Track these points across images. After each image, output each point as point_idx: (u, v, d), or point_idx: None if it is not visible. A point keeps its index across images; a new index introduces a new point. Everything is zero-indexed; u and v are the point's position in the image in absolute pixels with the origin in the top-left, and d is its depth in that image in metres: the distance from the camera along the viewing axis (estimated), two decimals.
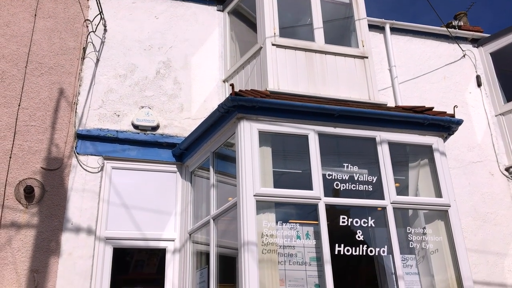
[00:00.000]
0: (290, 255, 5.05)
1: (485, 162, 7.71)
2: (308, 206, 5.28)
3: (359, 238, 5.15)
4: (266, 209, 5.05)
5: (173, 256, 6.07)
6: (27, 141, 5.88)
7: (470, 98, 8.20)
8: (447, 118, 5.77)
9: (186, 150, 6.32)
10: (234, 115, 5.28)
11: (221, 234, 5.57)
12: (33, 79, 6.21)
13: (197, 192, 6.28)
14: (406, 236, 5.38)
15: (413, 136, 5.77)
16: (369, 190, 5.44)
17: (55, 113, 6.13)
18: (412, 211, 5.63)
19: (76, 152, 6.02)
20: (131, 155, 6.27)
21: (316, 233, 5.12)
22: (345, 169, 5.50)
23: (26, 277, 5.29)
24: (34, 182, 5.68)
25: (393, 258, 5.12)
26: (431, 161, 5.78)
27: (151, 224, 6.09)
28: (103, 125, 6.28)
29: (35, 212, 5.60)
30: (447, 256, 5.34)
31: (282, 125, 5.38)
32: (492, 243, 7.13)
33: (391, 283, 5.18)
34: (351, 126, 5.57)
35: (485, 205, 7.38)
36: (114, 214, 5.96)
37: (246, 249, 4.68)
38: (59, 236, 5.58)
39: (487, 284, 6.81)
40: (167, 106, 6.69)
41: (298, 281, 4.97)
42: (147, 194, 6.21)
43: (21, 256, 5.36)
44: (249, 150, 5.11)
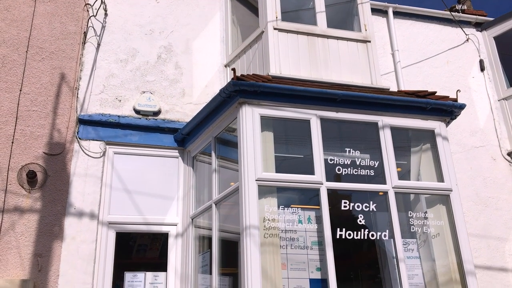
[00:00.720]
0: (292, 239, 5.08)
1: (487, 147, 7.69)
2: (310, 191, 5.29)
3: (361, 223, 5.17)
4: (268, 194, 5.06)
5: (175, 240, 6.11)
6: (29, 126, 5.88)
7: (473, 82, 8.15)
8: (450, 102, 5.74)
9: (187, 135, 6.32)
10: (235, 100, 5.26)
11: (223, 219, 5.60)
12: (34, 64, 6.19)
13: (199, 177, 6.29)
14: (407, 221, 5.39)
15: (415, 120, 5.75)
16: (371, 175, 5.45)
17: (57, 98, 6.12)
18: (414, 195, 5.63)
19: (78, 137, 6.03)
20: (133, 140, 6.27)
21: (318, 218, 5.14)
22: (347, 154, 5.49)
23: (29, 261, 5.34)
24: (37, 167, 5.70)
25: (394, 242, 5.14)
26: (433, 145, 5.77)
27: (153, 209, 6.12)
28: (105, 110, 6.28)
29: (38, 197, 5.62)
30: (448, 240, 5.36)
31: (284, 110, 5.36)
32: (493, 227, 7.15)
33: (392, 267, 5.21)
34: (354, 111, 5.55)
35: (487, 189, 7.38)
36: (116, 199, 5.99)
37: (248, 234, 4.71)
38: (62, 220, 5.61)
39: (488, 268, 6.84)
40: (169, 91, 6.67)
41: (300, 264, 5.01)
42: (149, 179, 6.23)
43: (24, 240, 5.40)
44: (251, 135, 5.10)
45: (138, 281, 5.82)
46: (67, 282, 5.38)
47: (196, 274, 5.82)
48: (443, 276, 5.27)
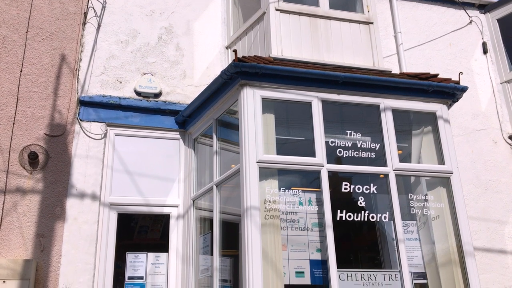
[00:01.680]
0: (293, 220, 5.11)
1: (489, 130, 7.68)
2: (311, 174, 5.31)
3: (361, 205, 5.20)
4: (269, 176, 5.07)
5: (176, 221, 6.15)
6: (30, 108, 5.87)
7: (476, 65, 8.10)
8: (452, 85, 5.72)
9: (189, 117, 6.31)
10: (237, 82, 5.24)
11: (224, 201, 5.62)
12: (34, 45, 6.15)
13: (200, 159, 6.31)
14: (407, 203, 5.42)
15: (417, 103, 5.74)
16: (372, 157, 5.45)
17: (57, 79, 6.10)
18: (414, 178, 5.65)
19: (79, 119, 6.02)
20: (134, 122, 6.27)
21: (318, 200, 5.17)
22: (348, 136, 5.49)
23: (32, 241, 5.38)
24: (38, 148, 5.70)
25: (394, 224, 5.17)
26: (435, 128, 5.76)
27: (154, 191, 6.15)
28: (106, 92, 6.26)
29: (40, 178, 5.64)
30: (448, 222, 5.39)
31: (286, 92, 5.34)
32: (493, 210, 7.18)
33: (392, 249, 5.25)
34: (355, 93, 5.53)
35: (488, 172, 7.39)
36: (118, 181, 6.01)
37: (249, 215, 4.73)
38: (64, 201, 5.64)
39: (487, 250, 6.89)
40: (170, 72, 6.64)
41: (300, 246, 5.05)
42: (150, 161, 6.25)
43: (26, 221, 5.44)
44: (252, 117, 5.09)
45: (140, 262, 5.87)
46: (69, 262, 5.43)
47: (197, 255, 5.87)
48: (443, 257, 5.31)
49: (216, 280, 5.25)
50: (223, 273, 5.37)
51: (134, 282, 5.78)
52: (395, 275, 4.99)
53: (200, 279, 5.74)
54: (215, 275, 5.27)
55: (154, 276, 5.87)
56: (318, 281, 4.96)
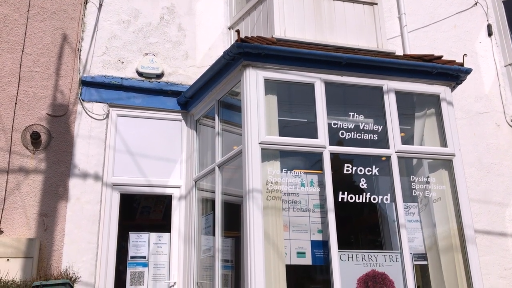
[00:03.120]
0: (294, 202, 5.13)
1: (492, 113, 7.65)
2: (313, 157, 5.31)
3: (363, 186, 5.21)
4: (271, 158, 5.08)
5: (179, 202, 6.18)
6: (31, 87, 5.86)
7: (480, 47, 8.03)
8: (456, 67, 5.68)
9: (191, 98, 6.29)
10: (239, 63, 5.21)
11: (226, 182, 5.64)
12: (35, 24, 6.11)
13: (202, 140, 6.31)
14: (409, 185, 5.43)
15: (420, 85, 5.71)
16: (374, 139, 5.44)
17: (59, 59, 6.07)
18: (416, 160, 5.65)
19: (81, 99, 6.01)
20: (136, 102, 6.25)
21: (320, 181, 5.18)
22: (350, 118, 5.48)
23: (35, 220, 5.42)
24: (40, 128, 5.71)
25: (395, 206, 5.19)
26: (438, 110, 5.74)
27: (157, 171, 6.16)
28: (108, 72, 6.23)
29: (42, 158, 5.66)
30: (450, 204, 5.41)
31: (288, 73, 5.31)
32: (494, 193, 7.19)
33: (393, 230, 5.28)
34: (358, 75, 5.50)
35: (490, 155, 7.39)
36: (120, 161, 6.03)
37: (251, 196, 4.75)
38: (66, 181, 5.67)
39: (488, 233, 6.93)
40: (172, 53, 6.60)
41: (302, 226, 5.07)
42: (152, 142, 6.25)
43: (30, 200, 5.47)
44: (254, 97, 5.08)
45: (142, 241, 5.92)
46: (72, 242, 5.48)
47: (199, 235, 5.91)
48: (444, 240, 5.34)
49: (218, 261, 5.30)
50: (224, 253, 5.41)
51: (136, 262, 5.84)
52: (395, 256, 5.02)
53: (202, 259, 5.79)
54: (217, 256, 5.31)
55: (157, 255, 5.92)
56: (319, 261, 5.00)
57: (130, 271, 5.79)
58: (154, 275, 5.85)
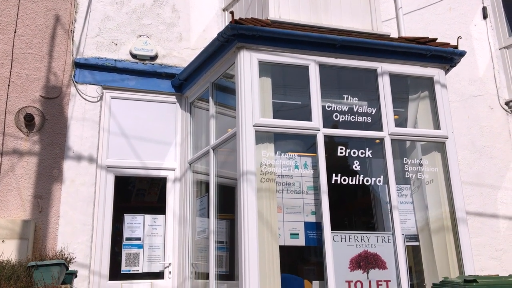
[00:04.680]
0: (288, 184, 5.16)
1: (486, 96, 7.68)
2: (308, 140, 5.33)
3: (356, 168, 5.24)
4: (265, 140, 5.09)
5: (173, 185, 6.21)
6: (24, 69, 5.82)
7: (475, 30, 8.02)
8: (450, 49, 5.68)
9: (185, 80, 6.28)
10: (234, 44, 5.19)
11: (220, 165, 5.66)
12: (28, 5, 6.04)
13: (196, 123, 6.31)
14: (402, 167, 5.47)
15: (415, 67, 5.71)
16: (368, 122, 5.47)
17: (52, 41, 6.02)
18: (410, 142, 5.68)
19: (75, 81, 5.98)
20: (130, 85, 6.23)
21: (314, 163, 5.21)
22: (344, 100, 5.49)
23: (30, 202, 5.44)
24: (34, 110, 5.69)
25: (388, 188, 5.23)
26: (432, 93, 5.76)
27: (151, 154, 6.17)
28: (101, 54, 6.19)
29: (36, 140, 5.65)
30: (442, 187, 5.46)
31: (283, 55, 5.30)
32: (486, 175, 7.26)
33: (385, 212, 5.33)
34: (353, 57, 5.50)
35: (483, 138, 7.43)
36: (114, 143, 6.03)
37: (245, 178, 4.78)
38: (61, 163, 5.67)
39: (479, 215, 7.01)
40: (166, 35, 6.56)
41: (295, 208, 5.12)
42: (147, 125, 6.25)
43: (24, 182, 5.48)
44: (248, 80, 5.07)
45: (137, 223, 5.96)
46: (67, 223, 5.51)
47: (194, 217, 5.96)
48: (435, 222, 5.40)
49: (212, 242, 5.35)
50: (219, 235, 5.46)
51: (132, 243, 5.88)
52: (387, 237, 5.09)
53: (196, 240, 5.84)
54: (211, 237, 5.36)
55: (152, 237, 5.97)
56: (312, 242, 5.06)
57: (125, 253, 5.84)
58: (149, 256, 5.90)
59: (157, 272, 5.89)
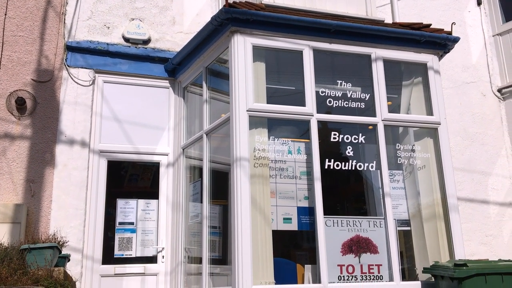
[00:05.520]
0: (281, 169, 5.17)
1: (478, 83, 7.71)
2: (301, 126, 5.33)
3: (349, 154, 5.26)
4: (258, 125, 5.09)
5: (166, 170, 6.20)
6: (15, 52, 5.75)
7: (469, 17, 8.01)
8: (444, 35, 5.68)
9: (178, 65, 6.23)
10: (227, 29, 5.15)
11: (214, 150, 5.66)
12: None
13: (190, 108, 6.28)
14: (394, 153, 5.49)
15: (408, 53, 5.71)
16: (361, 108, 5.47)
17: (43, 24, 5.94)
18: (402, 128, 5.70)
19: (67, 65, 5.92)
20: (123, 69, 6.18)
21: (307, 149, 5.22)
22: (338, 86, 5.48)
23: (22, 186, 5.41)
24: (25, 94, 5.63)
25: (381, 173, 5.26)
26: (425, 79, 5.77)
27: (144, 139, 6.15)
28: (93, 37, 6.13)
29: (28, 124, 5.60)
30: (434, 172, 5.50)
31: (277, 40, 5.27)
32: (478, 162, 7.31)
33: (378, 197, 5.36)
34: (347, 42, 5.48)
35: (475, 125, 7.48)
36: (107, 128, 5.99)
37: (238, 163, 4.78)
38: (53, 147, 5.64)
39: (470, 200, 7.08)
40: (158, 18, 6.50)
41: (289, 193, 5.14)
42: (139, 109, 6.21)
43: (16, 166, 5.44)
44: (242, 64, 5.04)
45: (130, 208, 5.96)
46: (60, 208, 5.49)
47: (187, 202, 5.96)
48: (427, 207, 5.45)
49: (206, 227, 5.36)
50: (212, 220, 5.47)
51: (125, 228, 5.88)
52: (379, 221, 5.13)
53: (189, 225, 5.86)
54: (205, 222, 5.37)
55: (145, 221, 5.97)
56: (305, 227, 5.09)
57: (118, 237, 5.84)
58: (142, 241, 5.91)
59: (150, 256, 5.91)
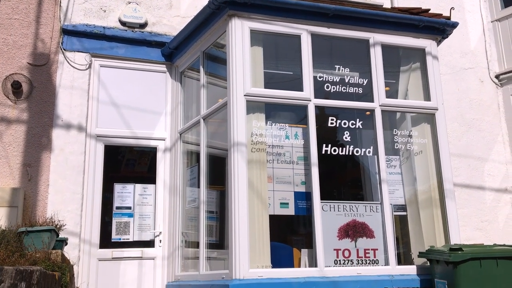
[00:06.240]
0: (279, 154, 5.18)
1: (476, 69, 7.69)
2: (299, 112, 5.32)
3: (346, 139, 5.26)
4: (256, 110, 5.08)
5: (164, 154, 6.19)
6: (11, 35, 5.69)
7: (468, 2, 7.96)
8: (443, 20, 5.65)
9: (175, 49, 6.19)
10: (225, 12, 5.11)
11: (211, 136, 5.65)
12: None
13: (187, 93, 6.26)
14: (392, 138, 5.50)
15: (407, 38, 5.68)
16: (359, 93, 5.46)
17: (39, 6, 5.88)
18: (400, 114, 5.70)
19: (63, 48, 5.87)
20: (119, 53, 6.14)
21: (305, 134, 5.21)
22: (336, 71, 5.47)
23: (19, 170, 5.40)
24: (21, 78, 5.59)
25: (378, 159, 5.27)
26: (423, 65, 5.76)
27: (141, 124, 6.13)
28: (89, 21, 6.07)
29: (24, 108, 5.57)
30: (430, 158, 5.51)
31: (275, 24, 5.24)
32: (475, 148, 7.33)
33: (374, 182, 5.38)
34: (345, 27, 5.45)
35: (472, 111, 7.48)
36: (104, 112, 5.97)
37: (236, 147, 4.78)
38: (49, 132, 5.62)
39: (466, 186, 7.11)
40: (155, 2, 6.43)
41: (286, 178, 5.14)
42: (136, 94, 6.18)
43: (12, 150, 5.43)
44: (240, 48, 5.01)
45: (128, 192, 5.96)
46: (57, 192, 5.49)
47: (185, 187, 5.97)
48: (423, 193, 5.47)
49: (203, 212, 5.37)
50: (209, 205, 5.49)
51: (122, 212, 5.89)
52: (376, 206, 5.15)
53: (187, 210, 5.87)
54: (202, 207, 5.38)
55: (142, 206, 5.98)
56: (302, 211, 5.11)
57: (116, 221, 5.86)
58: (140, 225, 5.93)
59: (148, 240, 5.93)
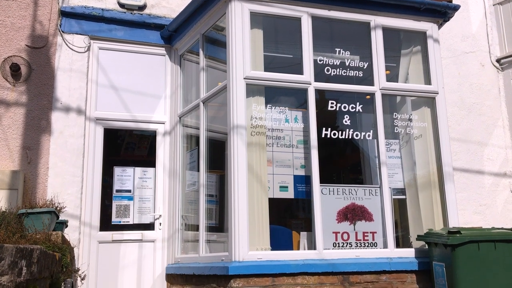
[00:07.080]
0: (278, 137, 5.17)
1: (477, 53, 7.65)
2: (299, 96, 5.30)
3: (346, 123, 5.25)
4: (256, 93, 5.06)
5: (163, 138, 6.19)
6: (9, 17, 5.64)
7: None
8: (444, 3, 5.60)
9: (175, 31, 6.15)
10: None
11: (210, 120, 5.64)
12: None
13: (186, 76, 6.23)
14: (392, 122, 5.49)
15: (408, 21, 5.64)
16: (359, 76, 5.44)
17: None
18: (400, 97, 5.68)
19: (61, 30, 5.83)
20: (118, 35, 6.09)
21: (304, 117, 5.21)
22: (336, 54, 5.43)
23: (18, 153, 5.40)
24: (20, 60, 5.56)
25: (377, 143, 5.27)
26: (424, 48, 5.72)
27: (141, 107, 6.12)
28: (88, 3, 6.01)
29: (23, 91, 5.55)
30: (430, 142, 5.50)
31: (275, 6, 5.19)
32: (474, 132, 7.32)
33: (374, 166, 5.39)
34: (346, 9, 5.40)
35: (473, 95, 7.46)
36: (103, 95, 5.95)
37: (235, 130, 4.77)
38: (49, 114, 5.60)
39: (465, 170, 7.12)
40: None
41: (285, 162, 5.15)
42: (136, 77, 6.16)
43: (12, 133, 5.42)
44: (240, 31, 4.97)
45: (127, 176, 5.97)
46: (57, 175, 5.50)
47: (184, 170, 5.98)
48: (423, 177, 5.48)
49: (202, 195, 5.39)
50: (209, 188, 5.50)
51: (122, 195, 5.91)
52: (375, 190, 5.16)
53: (186, 193, 5.89)
54: (201, 191, 5.39)
55: (142, 189, 6.00)
56: (301, 195, 5.13)
57: (116, 204, 5.88)
58: (140, 208, 5.95)
59: (148, 223, 5.96)
